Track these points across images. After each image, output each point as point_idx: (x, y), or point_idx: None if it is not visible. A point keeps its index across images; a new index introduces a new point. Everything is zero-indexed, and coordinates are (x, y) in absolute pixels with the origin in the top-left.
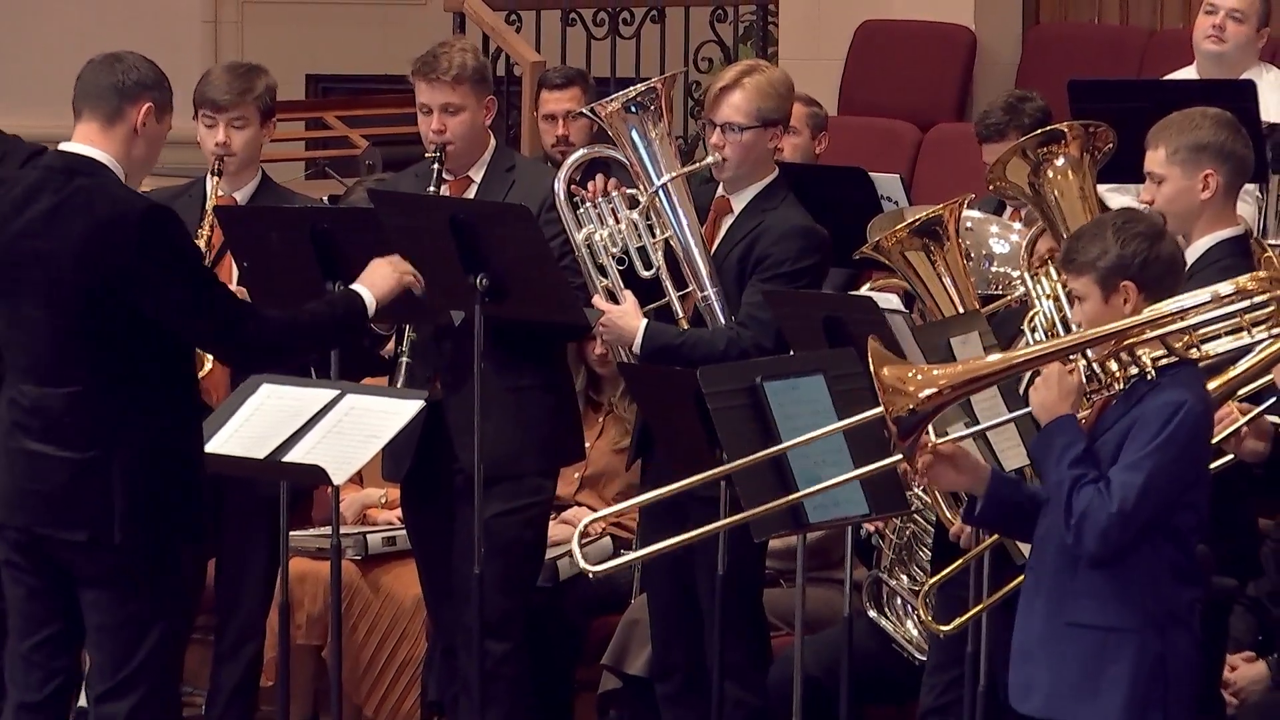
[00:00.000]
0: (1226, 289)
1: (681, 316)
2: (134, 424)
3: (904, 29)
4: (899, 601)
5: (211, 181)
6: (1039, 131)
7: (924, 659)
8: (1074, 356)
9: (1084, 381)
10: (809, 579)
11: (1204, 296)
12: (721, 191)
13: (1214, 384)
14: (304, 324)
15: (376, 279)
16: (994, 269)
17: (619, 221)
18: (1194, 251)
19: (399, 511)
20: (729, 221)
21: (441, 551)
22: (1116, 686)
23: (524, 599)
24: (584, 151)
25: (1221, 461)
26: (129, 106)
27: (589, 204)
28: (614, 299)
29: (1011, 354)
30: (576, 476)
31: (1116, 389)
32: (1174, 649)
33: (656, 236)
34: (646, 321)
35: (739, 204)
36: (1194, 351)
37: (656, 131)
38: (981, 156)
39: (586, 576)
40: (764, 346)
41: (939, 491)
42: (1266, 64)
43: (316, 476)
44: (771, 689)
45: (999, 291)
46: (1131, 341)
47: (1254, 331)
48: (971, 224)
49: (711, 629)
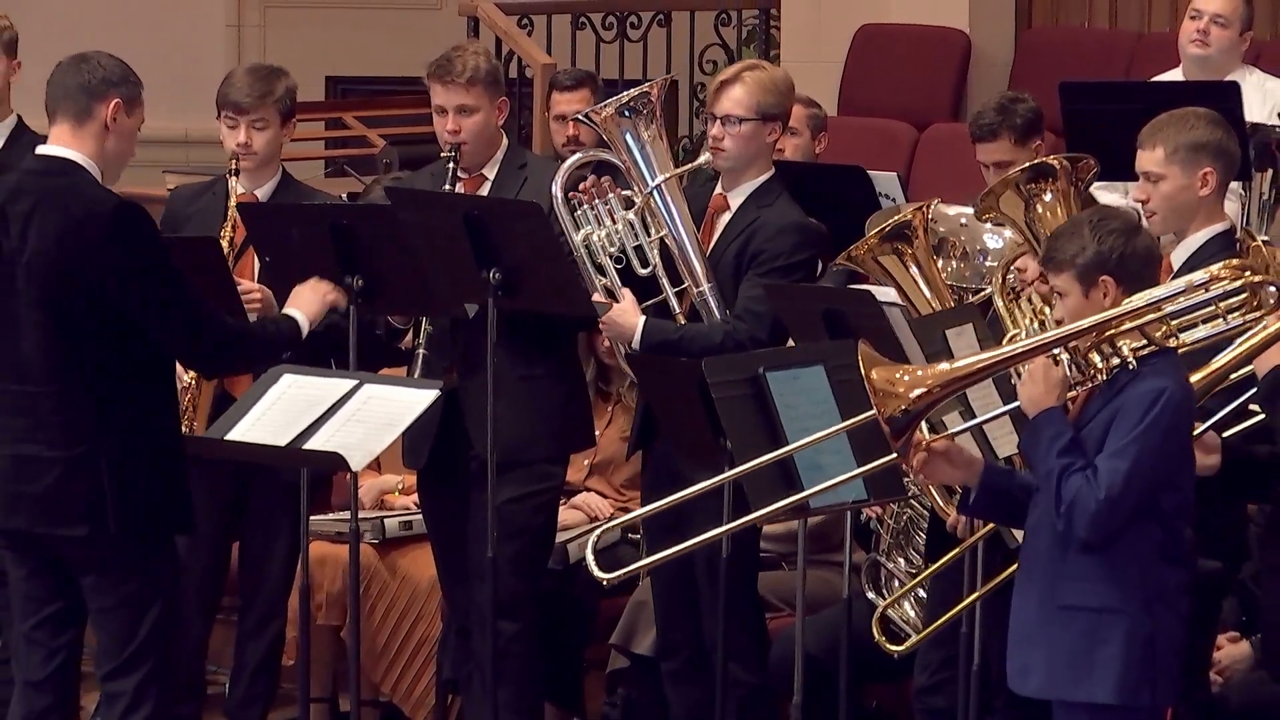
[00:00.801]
0: (1200, 277)
1: (678, 312)
2: (118, 417)
3: (901, 32)
4: (896, 584)
5: (231, 180)
6: (1028, 165)
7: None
8: (1057, 351)
9: (1068, 375)
10: (810, 562)
11: (1179, 286)
12: (719, 189)
13: (1196, 376)
14: (256, 335)
15: (303, 303)
16: (988, 264)
17: (615, 222)
18: (1188, 247)
19: (415, 497)
20: (725, 218)
21: (456, 535)
22: (1109, 666)
23: (535, 581)
24: (578, 157)
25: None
26: (97, 104)
27: (586, 206)
28: (613, 297)
29: (997, 351)
30: (586, 463)
31: (1100, 380)
32: (1162, 628)
33: (652, 235)
34: (645, 318)
35: (735, 201)
36: (1173, 340)
37: (649, 134)
38: (975, 155)
39: None
40: (759, 339)
41: (933, 486)
42: (1250, 66)
43: (335, 463)
44: (772, 668)
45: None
46: (1112, 333)
47: (1229, 318)
48: (965, 220)
49: (710, 611)
